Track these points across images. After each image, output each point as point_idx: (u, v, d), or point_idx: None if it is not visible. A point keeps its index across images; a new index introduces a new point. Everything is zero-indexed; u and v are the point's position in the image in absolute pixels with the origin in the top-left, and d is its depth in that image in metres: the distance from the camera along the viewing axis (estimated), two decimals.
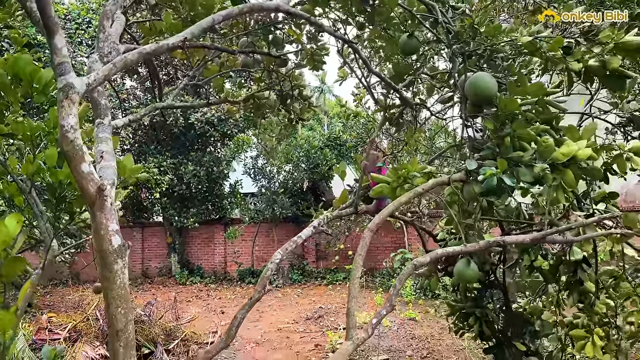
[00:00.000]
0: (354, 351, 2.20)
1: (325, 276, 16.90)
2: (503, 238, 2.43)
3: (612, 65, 2.49)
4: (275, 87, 3.83)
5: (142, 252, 19.22)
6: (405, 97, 3.33)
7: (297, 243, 2.64)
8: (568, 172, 2.27)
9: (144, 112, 2.90)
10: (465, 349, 7.82)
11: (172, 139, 17.24)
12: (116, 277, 1.99)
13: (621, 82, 2.45)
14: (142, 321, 8.00)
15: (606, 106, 4.38)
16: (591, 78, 2.51)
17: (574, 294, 3.07)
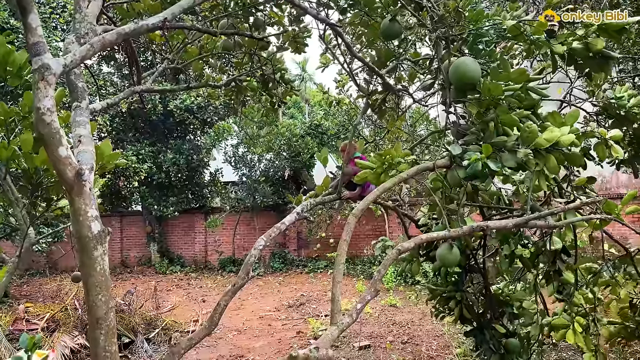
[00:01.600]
0: (338, 336, 2.19)
1: (307, 264, 16.94)
2: (486, 223, 2.44)
3: (597, 46, 2.50)
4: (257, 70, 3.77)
5: (121, 241, 18.99)
6: (388, 83, 3.31)
7: (281, 230, 2.62)
8: (551, 158, 2.28)
9: (122, 95, 2.82)
10: (445, 334, 7.93)
11: (150, 126, 16.97)
12: (96, 263, 1.94)
13: (604, 63, 2.46)
14: (121, 310, 7.93)
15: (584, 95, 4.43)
16: (575, 61, 2.52)
17: (553, 283, 3.11)
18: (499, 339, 3.23)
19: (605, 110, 3.31)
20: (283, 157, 17.26)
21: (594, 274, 3.13)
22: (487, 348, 3.26)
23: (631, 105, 3.12)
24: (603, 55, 2.47)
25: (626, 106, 3.12)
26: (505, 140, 2.33)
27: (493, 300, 3.28)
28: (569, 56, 2.48)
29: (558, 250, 2.88)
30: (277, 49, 3.85)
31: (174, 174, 16.55)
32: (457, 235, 2.47)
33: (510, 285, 3.47)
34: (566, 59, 2.50)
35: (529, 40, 2.48)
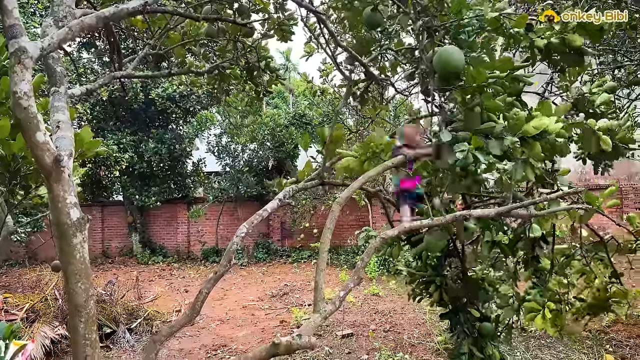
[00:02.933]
0: (321, 323, 2.20)
1: (291, 254, 16.96)
2: (470, 211, 2.46)
3: (575, 43, 2.53)
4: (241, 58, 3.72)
5: (102, 231, 18.78)
6: (371, 71, 3.31)
7: (263, 217, 2.61)
8: (537, 146, 2.30)
9: (102, 81, 2.77)
10: (426, 322, 8.03)
11: (132, 115, 16.73)
12: (75, 251, 1.91)
13: (580, 59, 2.49)
14: (103, 300, 7.85)
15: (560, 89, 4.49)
16: (550, 55, 2.54)
17: (529, 269, 3.17)
18: (473, 322, 3.29)
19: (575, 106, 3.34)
20: (267, 147, 17.19)
21: (566, 256, 3.19)
22: (461, 331, 3.32)
23: (599, 103, 3.18)
24: (579, 51, 2.49)
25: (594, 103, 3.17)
26: (492, 127, 2.34)
27: (469, 285, 3.33)
28: (545, 50, 2.51)
29: (537, 237, 2.92)
30: (262, 36, 3.81)
31: (156, 163, 16.37)
32: (440, 224, 2.49)
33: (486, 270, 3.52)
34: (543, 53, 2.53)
35: (508, 33, 2.50)
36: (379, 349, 6.67)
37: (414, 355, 6.49)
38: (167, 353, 7.16)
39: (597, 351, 6.30)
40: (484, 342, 3.44)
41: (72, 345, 1.96)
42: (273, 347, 2.05)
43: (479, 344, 3.45)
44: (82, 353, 1.93)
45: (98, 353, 1.98)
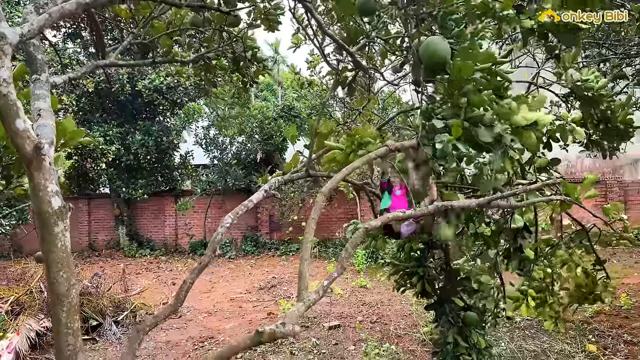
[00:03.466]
0: (305, 312, 2.21)
1: (279, 247, 16.97)
2: (451, 202, 2.48)
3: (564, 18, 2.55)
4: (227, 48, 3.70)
5: (89, 224, 18.63)
6: (358, 60, 3.31)
7: (248, 207, 2.61)
8: (530, 134, 2.32)
9: (85, 69, 2.74)
10: (413, 313, 8.10)
11: (118, 107, 16.56)
12: (57, 239, 1.90)
13: (574, 35, 2.51)
14: (89, 293, 7.81)
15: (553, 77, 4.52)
16: (545, 35, 2.56)
17: (514, 260, 3.20)
18: (457, 312, 3.33)
19: (573, 92, 3.38)
20: (255, 140, 17.13)
21: (551, 246, 3.23)
22: (446, 321, 3.36)
23: (598, 87, 3.21)
24: (573, 27, 2.51)
25: (594, 88, 3.20)
26: (483, 115, 2.36)
27: (453, 276, 3.37)
28: (539, 31, 2.52)
29: (520, 228, 2.96)
30: (249, 26, 3.79)
31: (143, 155, 16.24)
32: (422, 215, 2.51)
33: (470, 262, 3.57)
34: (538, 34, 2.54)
35: (498, 16, 2.50)
36: (366, 340, 6.72)
37: (400, 345, 6.55)
38: (154, 345, 7.15)
39: (579, 341, 6.41)
40: (468, 331, 3.49)
41: (55, 335, 1.95)
42: (257, 335, 2.05)
43: (463, 333, 3.50)
44: (64, 342, 1.93)
45: (80, 342, 1.98)
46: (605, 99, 3.14)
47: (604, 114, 3.11)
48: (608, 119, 3.13)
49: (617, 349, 6.06)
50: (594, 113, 3.20)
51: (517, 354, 6.03)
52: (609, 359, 5.75)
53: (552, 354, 6.02)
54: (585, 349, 6.07)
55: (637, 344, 6.25)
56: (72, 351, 1.94)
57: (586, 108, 3.27)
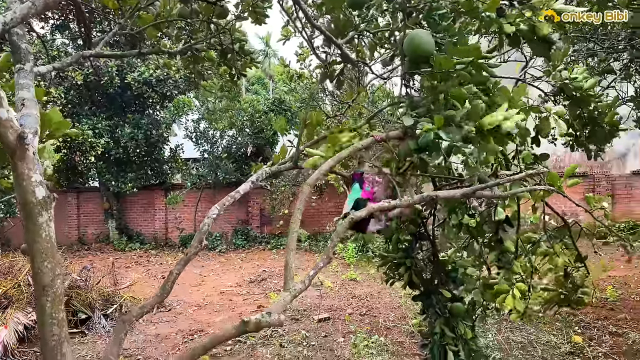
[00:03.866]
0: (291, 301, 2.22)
1: (270, 241, 16.98)
2: (436, 193, 2.50)
3: (542, 31, 2.58)
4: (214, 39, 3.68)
5: (78, 218, 18.51)
6: (346, 53, 3.32)
7: (235, 198, 2.62)
8: (489, 139, 2.35)
9: (70, 59, 2.72)
10: (402, 306, 8.16)
11: (107, 99, 16.44)
12: (41, 230, 1.90)
13: (546, 48, 2.54)
14: (78, 286, 7.78)
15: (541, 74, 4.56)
16: (519, 41, 2.58)
17: (494, 251, 3.24)
18: (444, 303, 3.37)
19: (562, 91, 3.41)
20: (246, 134, 17.09)
21: (533, 243, 3.27)
22: (433, 312, 3.40)
23: (587, 87, 3.23)
24: (546, 40, 2.54)
25: (582, 87, 3.22)
26: (453, 114, 2.38)
27: (440, 267, 3.40)
28: (514, 37, 2.54)
29: (501, 220, 2.99)
30: (236, 18, 3.77)
31: (132, 149, 16.15)
32: (407, 205, 2.53)
33: (457, 253, 3.60)
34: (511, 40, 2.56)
35: (481, 17, 2.52)
36: (355, 332, 6.77)
37: (389, 337, 6.60)
38: (144, 338, 7.15)
39: (565, 333, 6.50)
40: (455, 322, 3.53)
41: (39, 325, 1.95)
42: (242, 324, 2.07)
43: (450, 323, 3.54)
44: (49, 332, 1.93)
45: (65, 332, 1.98)
46: (593, 99, 3.17)
47: (590, 115, 3.14)
48: (595, 119, 3.15)
49: (602, 340, 6.15)
50: (581, 113, 3.22)
51: (504, 345, 6.11)
52: (594, 349, 5.84)
53: (538, 345, 6.10)
54: (571, 340, 6.16)
55: (622, 335, 6.35)
56: (57, 341, 1.94)
57: (574, 108, 3.29)
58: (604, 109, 2.97)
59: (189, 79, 15.65)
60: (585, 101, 3.06)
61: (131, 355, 6.40)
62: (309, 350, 6.23)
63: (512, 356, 5.75)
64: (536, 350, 5.93)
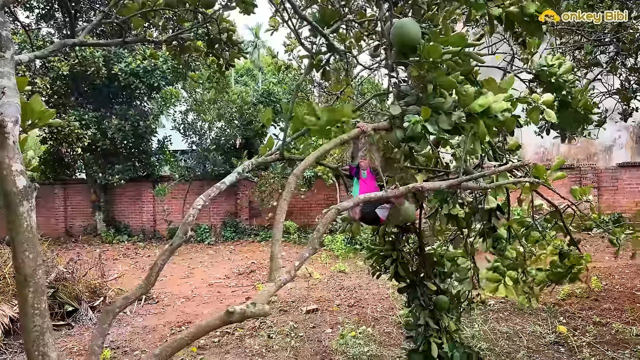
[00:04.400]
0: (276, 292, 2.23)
1: (259, 233, 16.96)
2: (422, 184, 2.51)
3: (530, 10, 2.58)
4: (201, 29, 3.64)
5: (65, 210, 18.34)
6: (332, 43, 3.30)
7: (220, 189, 2.60)
8: (481, 123, 2.36)
9: (52, 48, 2.67)
10: (389, 297, 8.21)
11: (94, 90, 16.24)
12: (22, 220, 1.88)
13: (538, 27, 2.55)
14: (64, 278, 7.71)
15: None
16: (512, 24, 2.59)
17: (488, 240, 3.27)
18: (429, 295, 3.40)
19: (537, 77, 3.44)
20: (234, 126, 16.98)
21: (526, 227, 3.30)
22: (418, 304, 3.43)
23: (561, 73, 3.27)
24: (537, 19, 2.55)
25: (556, 73, 3.26)
26: (442, 103, 2.39)
27: (426, 260, 3.42)
28: (506, 20, 2.55)
29: (493, 208, 3.02)
30: (223, 7, 3.74)
31: (120, 140, 16.00)
32: (394, 196, 2.54)
33: (443, 246, 3.63)
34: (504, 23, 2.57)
35: (468, 2, 2.52)
36: (343, 323, 6.80)
37: (377, 328, 6.65)
38: (131, 330, 7.13)
39: (551, 323, 6.58)
40: (439, 314, 3.57)
41: (21, 316, 1.93)
42: (227, 314, 2.07)
43: (435, 316, 3.58)
44: (31, 323, 1.91)
45: (48, 322, 1.96)
46: (566, 85, 3.20)
47: (564, 99, 3.17)
48: (567, 103, 3.19)
49: (586, 330, 6.24)
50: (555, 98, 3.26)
51: (490, 335, 6.18)
52: (578, 339, 5.92)
53: (524, 335, 6.18)
54: (555, 330, 6.24)
55: (606, 325, 6.45)
56: (40, 332, 1.92)
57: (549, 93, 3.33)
58: (577, 93, 3.00)
59: (176, 70, 15.52)
60: (559, 87, 3.08)
61: (118, 347, 6.38)
62: (297, 341, 6.26)
63: (498, 346, 5.82)
64: (522, 340, 6.01)
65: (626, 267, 9.79)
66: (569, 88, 3.27)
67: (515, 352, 5.62)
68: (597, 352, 5.53)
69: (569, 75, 3.13)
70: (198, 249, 15.54)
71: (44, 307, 1.93)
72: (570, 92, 3.30)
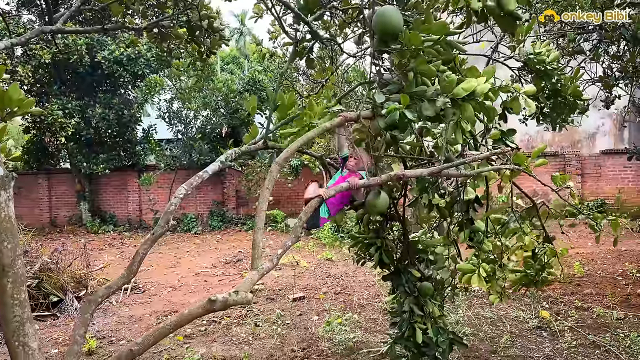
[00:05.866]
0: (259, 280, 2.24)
1: (246, 222, 16.94)
2: (403, 172, 2.53)
3: (509, 6, 2.59)
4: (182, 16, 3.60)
5: (49, 200, 18.14)
6: (315, 31, 3.28)
7: (203, 178, 2.59)
8: (467, 107, 2.37)
9: (30, 34, 2.62)
10: (376, 284, 8.28)
11: (77, 79, 16.00)
12: (0, 209, 1.86)
13: (513, 22, 2.56)
14: (49, 269, 7.64)
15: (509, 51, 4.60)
16: (486, 17, 2.60)
17: (465, 231, 3.31)
18: (414, 282, 3.43)
19: (526, 65, 3.46)
20: (220, 114, 16.87)
21: (502, 224, 3.34)
22: (402, 291, 3.46)
23: (550, 61, 3.29)
24: (512, 15, 2.55)
25: (545, 61, 3.28)
26: (425, 90, 2.39)
27: (410, 247, 3.45)
28: (481, 13, 2.56)
29: (471, 200, 3.05)
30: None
31: (104, 129, 15.81)
32: (376, 184, 2.56)
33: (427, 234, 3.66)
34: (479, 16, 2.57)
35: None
36: (329, 310, 6.85)
37: (363, 315, 6.71)
38: (117, 320, 7.11)
39: (534, 308, 6.70)
40: (424, 301, 3.61)
41: (0, 306, 1.92)
42: (209, 303, 2.08)
43: (419, 302, 3.62)
44: (10, 313, 1.90)
45: (28, 313, 1.96)
46: (555, 73, 3.23)
47: (553, 87, 3.20)
48: (558, 91, 3.22)
49: (568, 314, 6.36)
50: (545, 86, 3.29)
51: (474, 320, 6.27)
52: (560, 323, 6.03)
53: (507, 320, 6.28)
54: (538, 315, 6.35)
55: (588, 309, 6.57)
56: (20, 322, 1.92)
57: (538, 81, 3.36)
58: (566, 81, 3.03)
59: (160, 58, 15.32)
60: (548, 74, 3.11)
61: (104, 337, 6.36)
62: (284, 329, 6.29)
63: (482, 331, 5.91)
64: (505, 325, 6.11)
65: (608, 253, 9.97)
66: (558, 76, 3.30)
67: (499, 337, 5.71)
68: (578, 335, 5.64)
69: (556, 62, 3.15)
70: (185, 238, 15.49)
71: (23, 298, 1.92)
72: (560, 80, 3.33)
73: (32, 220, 16.91)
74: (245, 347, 5.71)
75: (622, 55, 7.15)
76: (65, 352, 2.17)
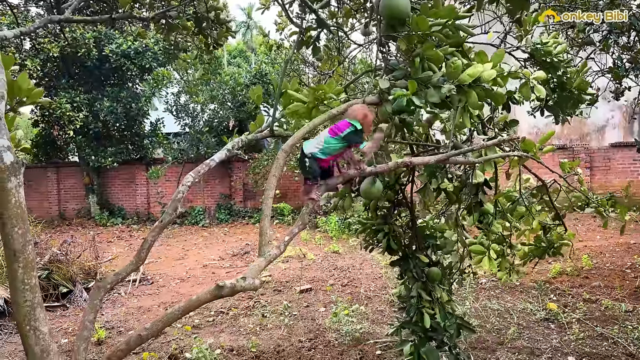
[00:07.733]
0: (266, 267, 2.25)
1: (253, 215, 17.00)
2: (410, 159, 2.52)
3: None
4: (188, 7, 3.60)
5: (58, 193, 18.29)
6: (322, 19, 3.28)
7: (210, 166, 2.61)
8: (472, 93, 2.35)
9: (37, 24, 2.64)
10: (382, 276, 8.28)
11: (85, 72, 16.08)
12: (10, 195, 1.87)
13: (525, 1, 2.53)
14: (58, 260, 7.72)
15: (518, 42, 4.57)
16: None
17: (474, 214, 3.30)
18: (421, 267, 3.44)
19: (532, 56, 3.43)
20: (227, 107, 16.89)
21: (512, 202, 3.33)
22: (410, 276, 3.47)
23: (557, 52, 3.26)
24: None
25: (552, 53, 3.25)
26: (430, 76, 2.38)
27: (418, 232, 3.45)
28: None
29: (480, 183, 3.04)
30: None
31: (112, 123, 15.90)
32: (383, 171, 2.55)
33: (435, 219, 3.66)
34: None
35: None
36: (336, 302, 6.87)
37: (369, 306, 6.72)
38: (126, 310, 7.17)
39: (541, 300, 6.67)
40: (432, 286, 3.61)
41: (11, 291, 1.94)
42: (217, 288, 2.10)
43: (427, 287, 3.62)
44: (21, 298, 1.92)
45: (39, 298, 1.97)
46: (562, 64, 3.20)
47: (560, 79, 3.17)
48: (563, 84, 3.19)
49: (576, 306, 6.33)
50: (550, 78, 3.26)
51: (481, 312, 6.26)
52: (568, 315, 6.01)
53: (514, 312, 6.26)
54: (546, 307, 6.33)
55: (596, 301, 6.54)
56: (31, 307, 1.93)
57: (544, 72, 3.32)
58: (573, 74, 3.00)
59: (168, 51, 15.36)
60: (554, 66, 3.08)
61: (113, 327, 6.42)
62: (291, 320, 6.32)
63: (489, 323, 5.90)
64: (512, 317, 6.09)
65: (617, 246, 9.91)
66: (564, 68, 3.26)
67: (506, 328, 5.70)
68: (586, 328, 5.62)
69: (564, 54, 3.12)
70: (192, 231, 15.57)
71: (34, 283, 1.94)
72: (566, 72, 3.30)
73: (42, 212, 17.07)
74: (252, 338, 5.75)
75: (633, 46, 7.06)
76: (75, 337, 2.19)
